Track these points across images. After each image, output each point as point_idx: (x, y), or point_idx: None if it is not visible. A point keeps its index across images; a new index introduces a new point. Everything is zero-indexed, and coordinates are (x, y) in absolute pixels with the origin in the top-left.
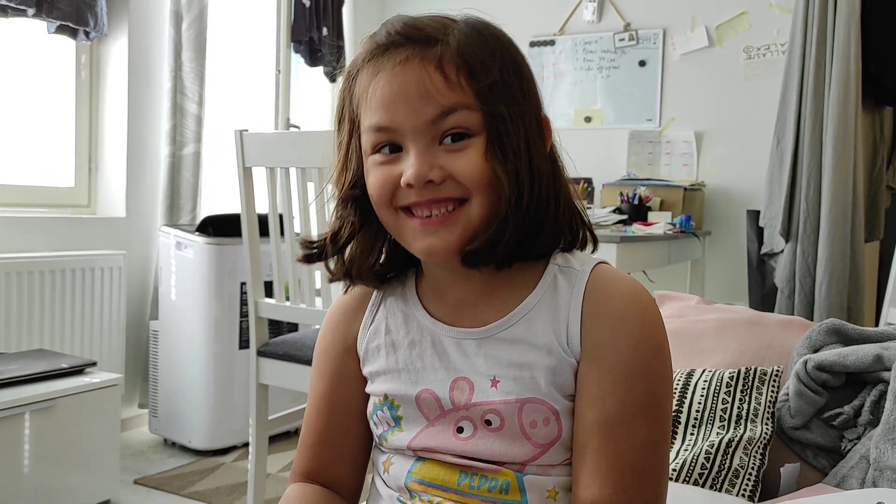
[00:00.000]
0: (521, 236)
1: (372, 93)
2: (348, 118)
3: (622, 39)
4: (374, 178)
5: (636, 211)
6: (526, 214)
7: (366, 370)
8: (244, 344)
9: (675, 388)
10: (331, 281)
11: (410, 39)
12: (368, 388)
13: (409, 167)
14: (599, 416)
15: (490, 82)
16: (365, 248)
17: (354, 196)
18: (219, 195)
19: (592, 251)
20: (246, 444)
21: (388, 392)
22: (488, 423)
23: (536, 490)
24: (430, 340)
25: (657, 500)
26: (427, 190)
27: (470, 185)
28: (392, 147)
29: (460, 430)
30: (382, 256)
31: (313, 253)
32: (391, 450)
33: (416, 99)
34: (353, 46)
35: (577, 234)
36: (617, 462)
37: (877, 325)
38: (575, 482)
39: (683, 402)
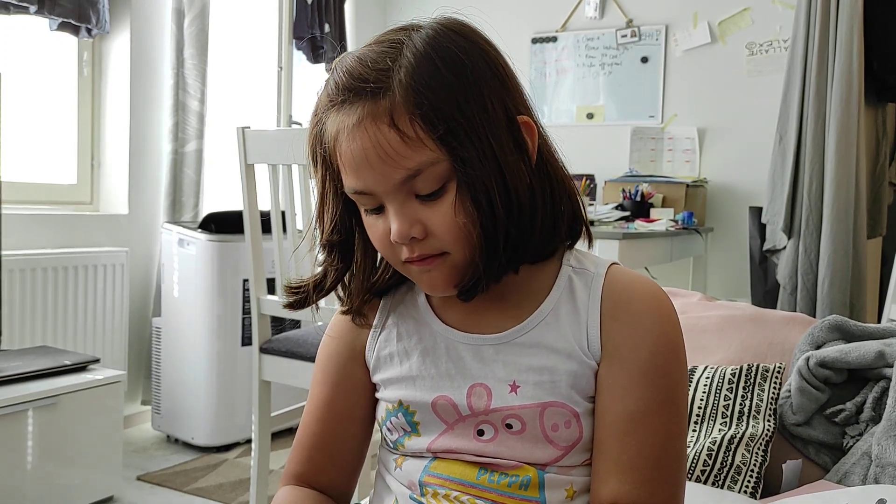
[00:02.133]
0: (513, 252)
1: (340, 151)
2: (322, 161)
3: (624, 36)
4: (372, 233)
5: (638, 208)
6: (507, 239)
7: (376, 378)
8: (247, 341)
9: None
10: (344, 313)
11: (358, 94)
12: (380, 395)
13: (392, 224)
14: (620, 414)
15: (447, 127)
16: (362, 283)
17: (335, 241)
18: (221, 192)
19: (588, 247)
20: (249, 441)
21: (403, 399)
22: (509, 426)
23: (555, 488)
24: (444, 347)
25: (676, 495)
26: (415, 245)
27: (448, 239)
28: (377, 208)
29: (480, 433)
30: (381, 275)
31: (298, 299)
32: (407, 453)
33: (378, 164)
34: (355, 43)
35: (579, 231)
36: (637, 458)
37: (879, 321)
38: (595, 478)
39: None
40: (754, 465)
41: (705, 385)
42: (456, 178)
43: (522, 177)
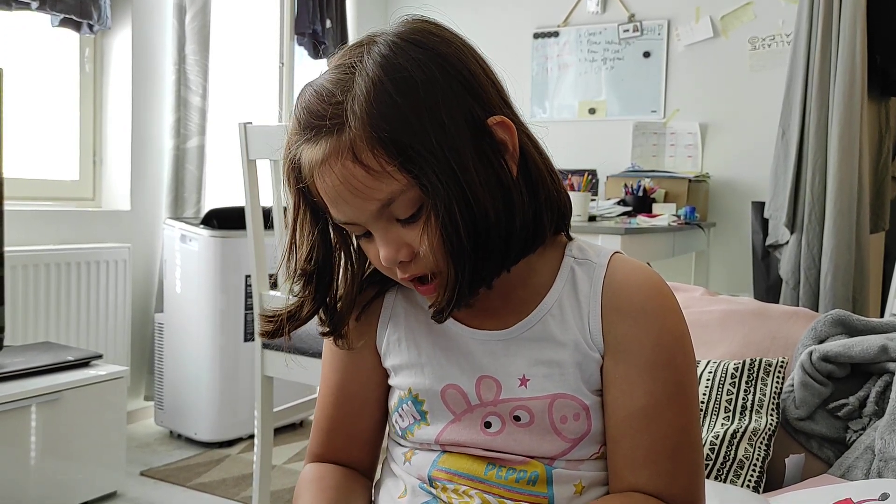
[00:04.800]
0: (486, 265)
1: (316, 185)
2: (294, 185)
3: (626, 30)
4: (369, 256)
5: (640, 203)
6: (475, 256)
7: (387, 363)
8: (249, 336)
9: None
10: (324, 335)
11: (318, 131)
12: (392, 382)
13: (380, 249)
14: (630, 410)
15: (405, 156)
16: (347, 306)
17: (310, 270)
18: (223, 188)
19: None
20: (251, 436)
21: (413, 387)
22: (517, 418)
23: (564, 483)
24: (454, 340)
25: (695, 483)
26: (405, 267)
27: (432, 259)
28: (366, 233)
29: (488, 424)
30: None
31: (272, 329)
32: (416, 443)
33: (350, 198)
34: (356, 38)
35: (565, 225)
36: (652, 453)
37: (882, 316)
38: (612, 475)
39: None
40: (757, 459)
41: (708, 379)
42: (427, 200)
43: (492, 187)
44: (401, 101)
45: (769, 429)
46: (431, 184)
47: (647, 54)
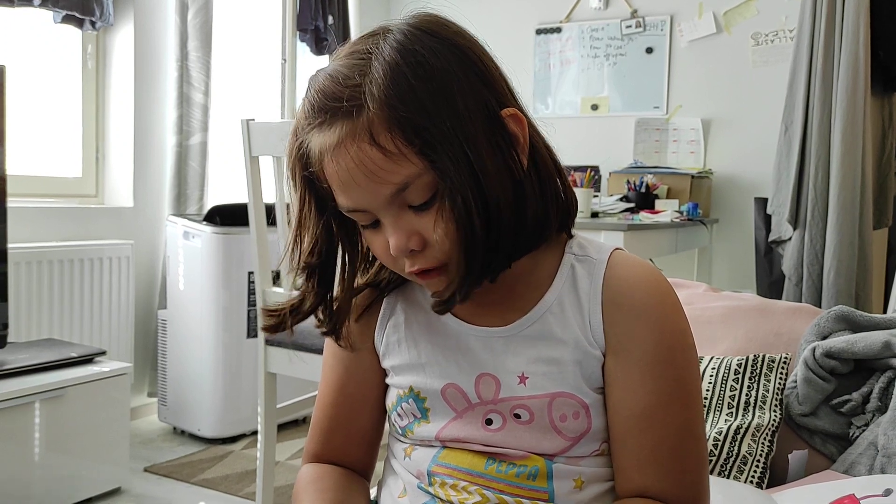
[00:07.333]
0: (496, 256)
1: (326, 172)
2: (305, 182)
3: (629, 26)
4: (373, 248)
5: (643, 199)
6: (487, 246)
7: (386, 363)
8: (252, 333)
9: None
10: (325, 335)
11: (334, 114)
12: (390, 381)
13: (389, 238)
14: (633, 409)
15: (423, 140)
16: (344, 304)
17: (314, 264)
18: (226, 185)
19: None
20: (255, 433)
21: (414, 385)
22: (517, 416)
23: (564, 478)
24: (453, 337)
25: (700, 480)
26: (415, 258)
27: (444, 248)
28: (373, 223)
29: (489, 422)
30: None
31: (275, 324)
32: (416, 440)
33: (365, 182)
34: (358, 34)
35: (570, 219)
36: (656, 452)
37: (885, 312)
38: (618, 474)
39: None
40: (760, 454)
41: (711, 375)
42: (441, 188)
43: (504, 178)
44: (418, 84)
45: (772, 425)
46: (447, 169)
47: (649, 50)
